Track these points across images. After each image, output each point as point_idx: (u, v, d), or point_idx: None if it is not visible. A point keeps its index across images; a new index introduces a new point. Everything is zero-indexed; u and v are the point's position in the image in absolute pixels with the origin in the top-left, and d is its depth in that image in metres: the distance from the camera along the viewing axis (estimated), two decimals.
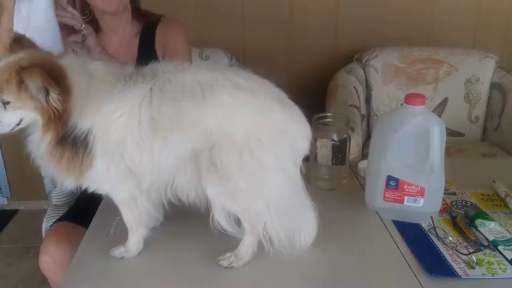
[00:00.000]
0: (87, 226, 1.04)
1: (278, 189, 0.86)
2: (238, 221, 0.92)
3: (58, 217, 1.36)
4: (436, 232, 0.98)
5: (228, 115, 0.83)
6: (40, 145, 0.83)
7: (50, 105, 0.78)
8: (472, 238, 0.95)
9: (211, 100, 0.83)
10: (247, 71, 0.92)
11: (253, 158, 0.83)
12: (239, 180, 0.84)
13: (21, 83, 0.77)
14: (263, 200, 0.86)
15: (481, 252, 0.92)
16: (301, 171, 0.90)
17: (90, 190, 0.90)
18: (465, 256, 0.90)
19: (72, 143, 0.82)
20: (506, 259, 0.90)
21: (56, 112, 0.79)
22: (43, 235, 1.38)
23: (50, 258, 1.20)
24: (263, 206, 0.86)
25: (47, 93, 0.77)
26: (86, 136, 0.82)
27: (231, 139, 0.82)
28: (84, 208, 1.00)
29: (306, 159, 0.94)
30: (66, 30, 1.21)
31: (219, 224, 0.90)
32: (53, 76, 0.77)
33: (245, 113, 0.84)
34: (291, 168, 0.88)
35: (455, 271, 0.87)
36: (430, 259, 0.90)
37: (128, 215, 0.93)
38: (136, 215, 0.92)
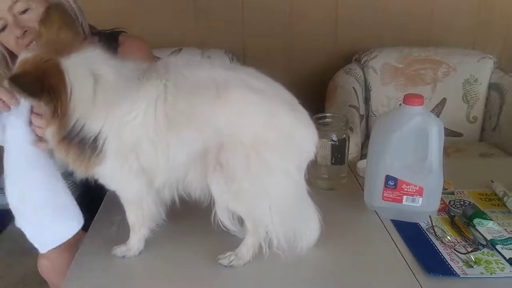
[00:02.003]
0: (84, 228, 1.04)
1: (282, 191, 0.87)
2: (240, 221, 0.92)
3: None
4: (434, 232, 0.99)
5: (239, 116, 0.83)
6: (48, 136, 0.84)
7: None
8: (471, 237, 0.96)
9: (224, 99, 0.83)
10: (258, 72, 0.91)
11: (259, 159, 0.83)
12: (244, 180, 0.84)
13: None
14: (266, 201, 0.86)
15: (479, 251, 0.92)
16: (304, 176, 0.91)
17: (99, 182, 0.91)
18: (464, 255, 0.91)
19: (79, 143, 0.82)
20: (504, 258, 0.90)
21: (51, 114, 0.80)
22: None
23: (49, 262, 1.20)
24: (266, 206, 0.87)
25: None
26: (96, 138, 0.82)
27: (239, 139, 0.83)
28: (81, 210, 1.00)
29: None
30: None
31: (221, 223, 0.90)
32: (43, 80, 0.77)
33: (256, 115, 0.84)
34: (295, 171, 0.87)
35: (454, 270, 0.87)
36: (429, 258, 0.91)
37: (133, 215, 0.94)
38: (140, 215, 0.93)
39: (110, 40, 1.30)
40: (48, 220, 0.94)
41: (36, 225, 0.94)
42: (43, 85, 0.77)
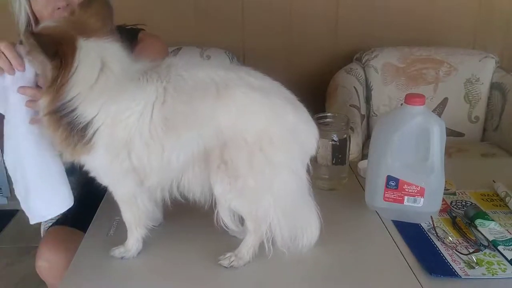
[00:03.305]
0: (82, 229, 1.04)
1: (286, 188, 0.87)
2: (241, 220, 0.92)
3: (56, 218, 1.35)
4: (436, 232, 0.98)
5: (242, 115, 0.83)
6: (40, 105, 0.84)
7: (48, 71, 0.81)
8: (472, 238, 0.95)
9: (226, 99, 0.83)
10: (256, 71, 0.91)
11: (264, 157, 0.83)
12: (249, 178, 0.84)
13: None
14: (271, 199, 0.87)
15: (481, 252, 0.92)
16: (308, 172, 0.91)
17: (90, 174, 0.91)
18: (465, 256, 0.90)
19: (68, 124, 0.82)
20: (506, 259, 0.90)
21: (51, 80, 0.81)
22: (42, 236, 1.38)
23: (47, 263, 1.19)
24: (270, 204, 0.87)
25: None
26: (86, 126, 0.82)
27: (243, 138, 0.83)
28: (80, 211, 1.00)
29: None
30: None
31: (223, 223, 0.90)
32: (58, 45, 0.79)
33: (259, 113, 0.84)
34: (299, 168, 0.88)
35: (455, 271, 0.87)
36: (430, 259, 0.90)
37: (128, 214, 0.93)
38: (136, 214, 0.92)
39: (130, 35, 1.32)
40: (35, 194, 0.95)
41: (25, 196, 0.96)
42: (57, 49, 0.80)
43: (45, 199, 0.96)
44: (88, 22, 0.86)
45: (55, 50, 0.79)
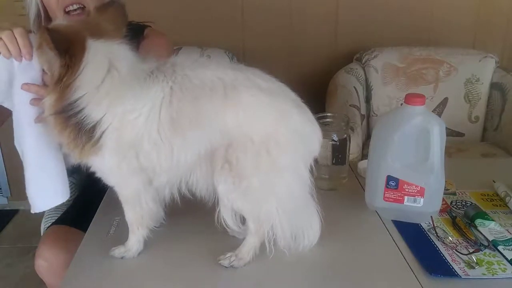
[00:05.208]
0: (82, 229, 1.04)
1: (289, 190, 0.87)
2: (242, 220, 0.92)
3: (56, 217, 1.35)
4: (436, 232, 0.98)
5: (249, 116, 0.84)
6: (45, 103, 0.84)
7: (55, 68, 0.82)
8: (472, 238, 0.95)
9: (233, 100, 0.83)
10: (263, 72, 0.91)
11: (269, 158, 0.84)
12: (253, 179, 0.85)
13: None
14: (274, 200, 0.87)
15: (481, 252, 0.92)
16: (311, 173, 0.91)
17: (97, 175, 0.91)
18: (465, 256, 0.90)
19: (76, 125, 0.82)
20: (506, 259, 0.90)
21: (57, 79, 0.81)
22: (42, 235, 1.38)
23: (46, 262, 1.19)
24: (273, 205, 0.87)
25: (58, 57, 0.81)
26: (94, 127, 0.82)
27: (249, 139, 0.83)
28: (80, 211, 1.00)
29: None
30: None
31: (224, 222, 0.90)
32: (68, 44, 0.80)
33: (266, 115, 0.84)
34: (303, 169, 0.89)
35: (455, 271, 0.87)
36: (430, 259, 0.90)
37: (131, 214, 0.93)
38: (139, 214, 0.93)
39: (137, 31, 1.32)
40: (34, 185, 0.97)
41: (27, 183, 0.97)
42: (68, 47, 0.80)
43: (41, 190, 0.98)
44: (101, 25, 0.87)
45: (66, 48, 0.80)
